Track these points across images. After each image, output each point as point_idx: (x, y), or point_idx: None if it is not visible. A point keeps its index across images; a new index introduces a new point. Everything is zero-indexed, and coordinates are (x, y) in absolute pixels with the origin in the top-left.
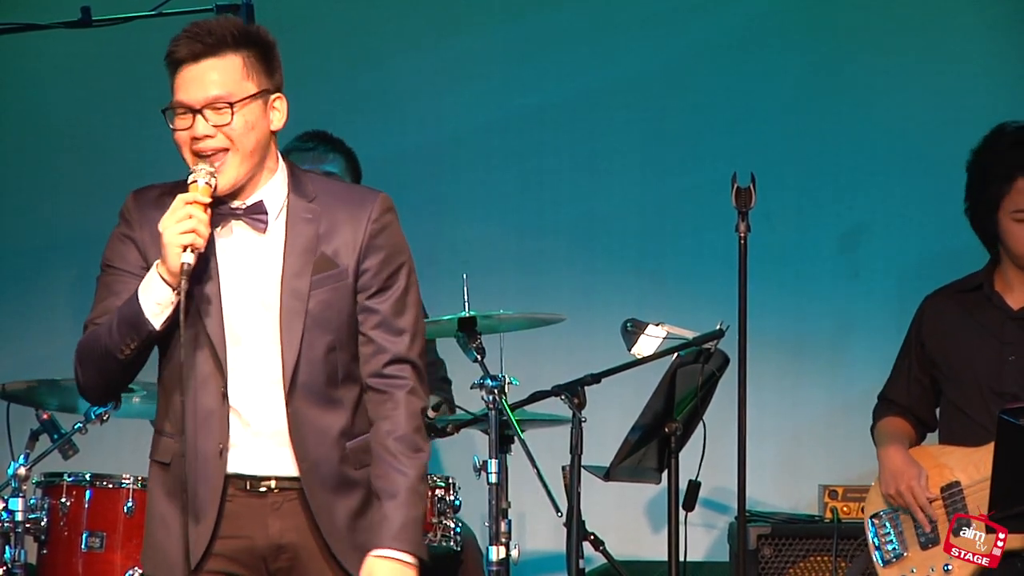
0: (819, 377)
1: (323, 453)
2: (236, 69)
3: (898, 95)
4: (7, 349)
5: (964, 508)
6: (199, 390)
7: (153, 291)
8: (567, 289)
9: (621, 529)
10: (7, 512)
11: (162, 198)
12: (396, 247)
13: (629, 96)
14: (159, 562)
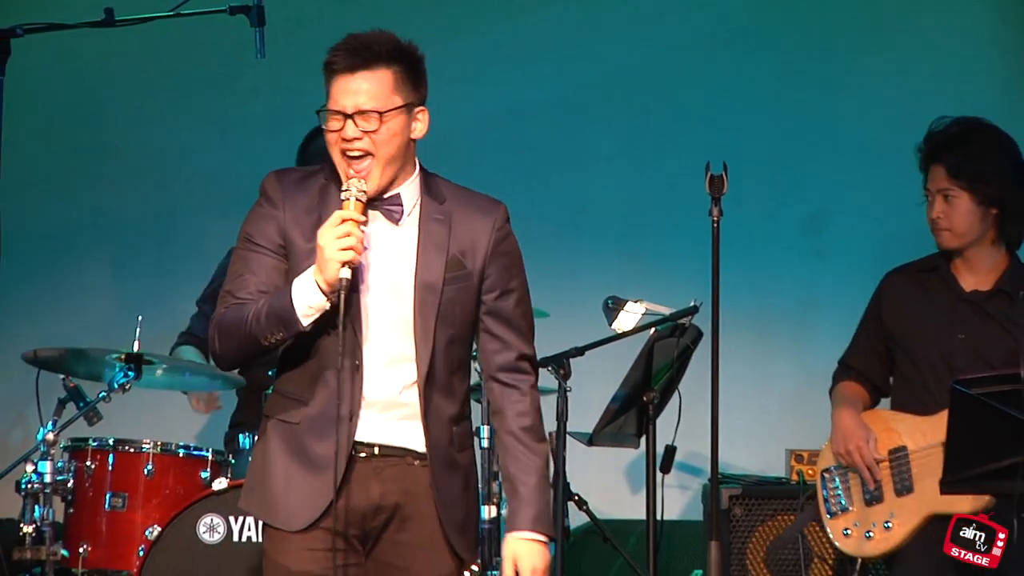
0: (786, 350)
1: (439, 434)
2: (387, 83)
3: (859, 90)
4: (39, 321)
5: (908, 471)
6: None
7: (307, 295)
8: (553, 270)
9: (603, 490)
10: (36, 474)
11: (304, 180)
12: (515, 253)
13: (611, 92)
14: (278, 512)
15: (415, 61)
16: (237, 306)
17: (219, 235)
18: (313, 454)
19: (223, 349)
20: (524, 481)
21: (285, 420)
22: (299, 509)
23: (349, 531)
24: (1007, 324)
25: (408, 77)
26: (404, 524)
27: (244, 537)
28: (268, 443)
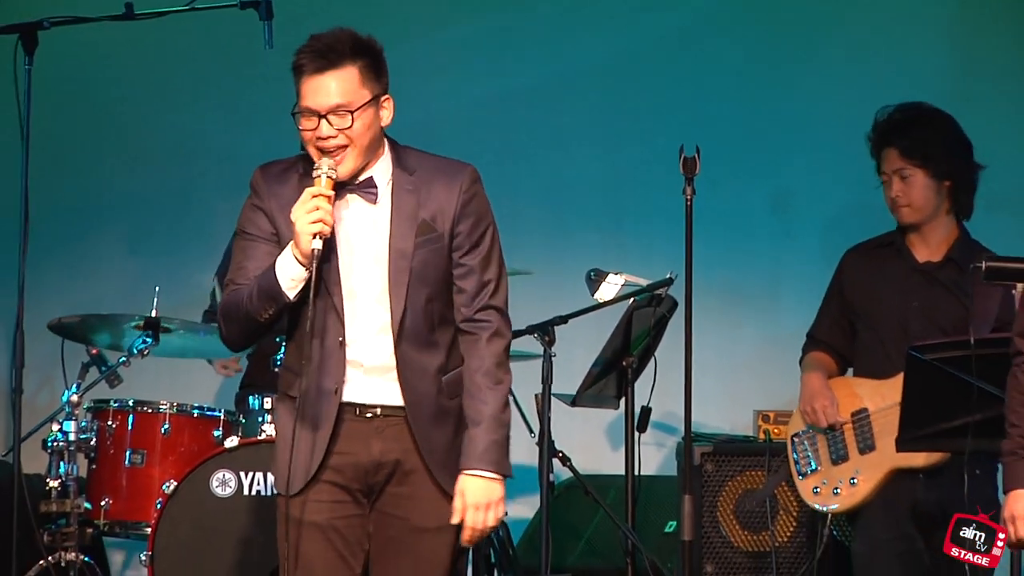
0: (754, 319)
1: (424, 388)
2: (354, 79)
3: (822, 79)
4: (64, 291)
5: (870, 431)
6: (325, 340)
7: (287, 269)
8: (539, 244)
9: (585, 448)
10: (62, 433)
11: (284, 173)
12: (483, 212)
13: (592, 80)
14: (282, 481)
15: (375, 54)
16: (235, 291)
17: (229, 212)
18: (311, 425)
19: (228, 332)
20: (476, 421)
21: (288, 394)
22: (297, 475)
23: (353, 485)
24: (957, 292)
25: (371, 71)
26: (404, 478)
27: (254, 491)
28: (279, 416)
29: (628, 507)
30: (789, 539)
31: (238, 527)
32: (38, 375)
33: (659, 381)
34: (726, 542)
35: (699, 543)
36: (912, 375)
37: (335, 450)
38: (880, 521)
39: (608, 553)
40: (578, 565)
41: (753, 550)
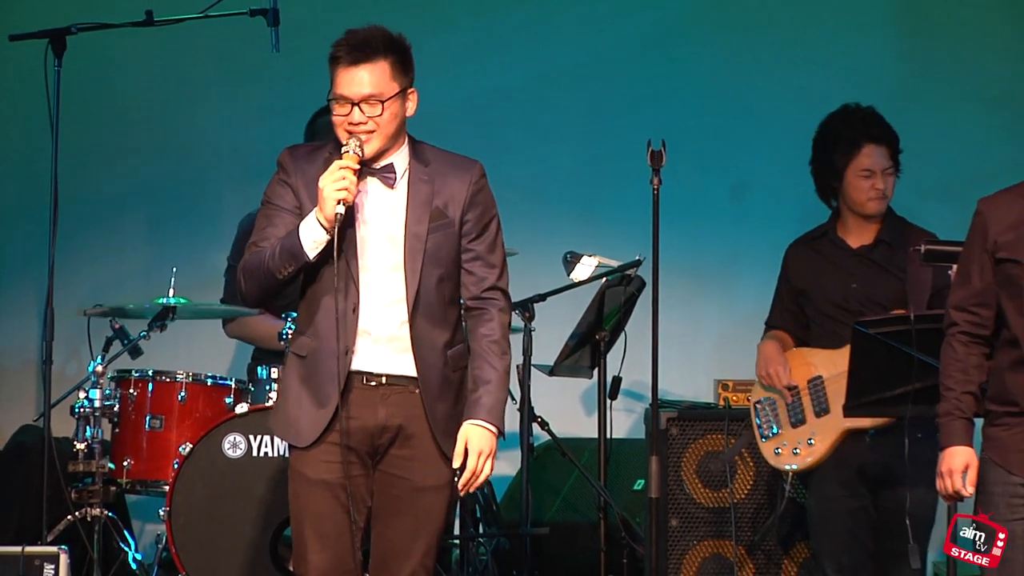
0: (714, 297)
1: (433, 360)
2: (385, 73)
3: (776, 77)
4: (91, 271)
5: (825, 395)
6: (339, 304)
7: (311, 231)
8: (521, 229)
9: (561, 413)
10: (88, 400)
11: (311, 153)
12: (489, 204)
13: (569, 80)
14: (288, 429)
15: (405, 51)
16: (258, 251)
17: (237, 200)
18: (319, 382)
19: (247, 287)
20: (484, 381)
21: (298, 353)
22: (307, 429)
23: (359, 448)
24: (892, 268)
25: (401, 65)
26: (406, 442)
27: (262, 452)
28: (287, 373)
29: (601, 467)
30: (747, 496)
31: (248, 485)
32: (66, 348)
33: (628, 353)
34: (689, 499)
35: (665, 500)
36: (857, 348)
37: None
38: (832, 480)
39: (583, 509)
40: (555, 520)
41: (714, 506)
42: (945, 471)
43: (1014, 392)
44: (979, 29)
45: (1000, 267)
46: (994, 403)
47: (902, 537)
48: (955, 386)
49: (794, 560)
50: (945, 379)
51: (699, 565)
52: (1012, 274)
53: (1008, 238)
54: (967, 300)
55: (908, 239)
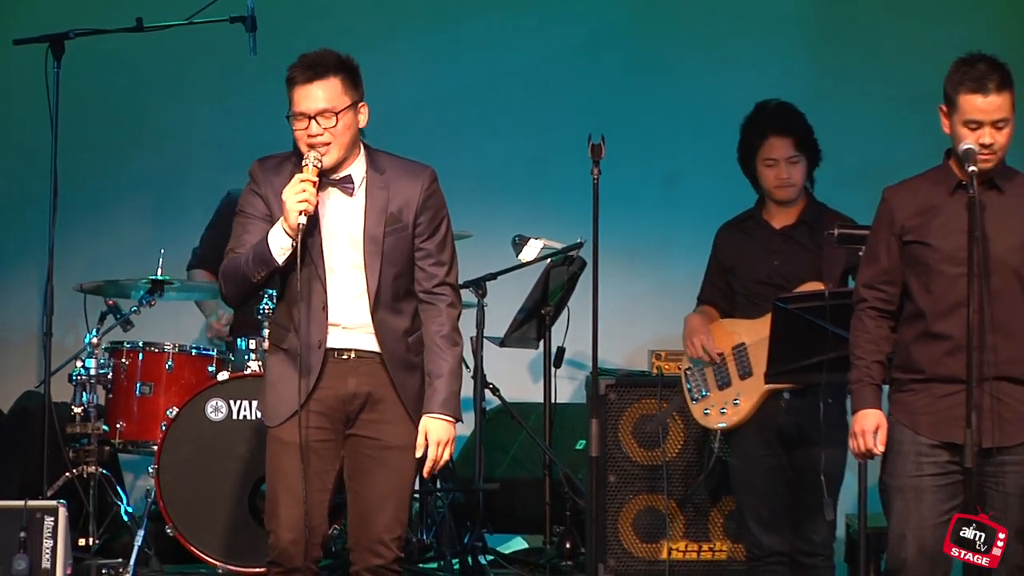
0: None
1: (395, 345)
2: (336, 88)
3: (702, 77)
4: (87, 252)
5: (748, 360)
6: (311, 303)
7: (278, 239)
8: (474, 214)
9: (511, 380)
10: (84, 368)
11: (279, 165)
12: (440, 206)
13: (517, 81)
14: (279, 404)
15: (354, 69)
16: (234, 257)
17: (218, 189)
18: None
19: (228, 290)
20: (438, 375)
21: (278, 345)
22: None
23: (332, 414)
24: (811, 248)
25: (350, 82)
26: (375, 407)
27: (242, 416)
28: (270, 363)
29: (546, 429)
30: (678, 455)
31: (229, 445)
32: (65, 321)
33: (571, 326)
34: (626, 457)
35: (604, 458)
36: (777, 321)
37: (319, 386)
38: (753, 440)
39: (530, 466)
40: (505, 476)
41: (648, 464)
42: (858, 432)
43: (919, 361)
44: (886, 33)
45: (907, 248)
46: (900, 371)
47: (816, 492)
48: (865, 356)
49: (721, 512)
50: (855, 349)
51: (634, 517)
52: (919, 255)
53: (915, 223)
54: (875, 279)
55: (826, 222)
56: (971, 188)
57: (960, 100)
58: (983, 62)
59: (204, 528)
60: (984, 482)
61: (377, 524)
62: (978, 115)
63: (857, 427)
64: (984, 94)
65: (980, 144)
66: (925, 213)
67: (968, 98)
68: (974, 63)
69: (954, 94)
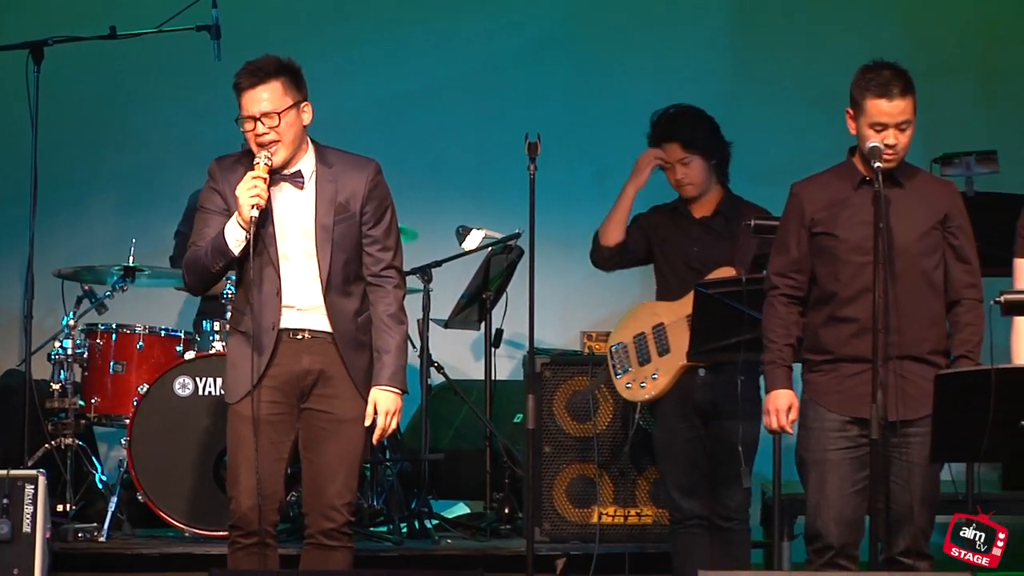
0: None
1: (345, 325)
2: (278, 90)
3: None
4: (62, 247)
5: (666, 338)
6: (264, 288)
7: (233, 231)
8: (421, 207)
9: (454, 359)
10: (62, 348)
11: (234, 163)
12: (384, 196)
13: (461, 84)
14: (238, 382)
15: (295, 71)
16: (195, 250)
17: (186, 184)
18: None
19: (190, 279)
20: (386, 350)
21: (237, 329)
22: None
23: (287, 389)
24: (727, 236)
25: (292, 83)
26: (327, 383)
27: (206, 392)
28: (231, 345)
29: (487, 403)
30: (607, 427)
31: (194, 419)
32: (44, 305)
33: (509, 309)
34: (560, 429)
35: (539, 430)
36: (698, 305)
37: (274, 364)
38: (673, 414)
39: (472, 438)
40: (449, 447)
41: (580, 436)
42: (772, 410)
43: (828, 343)
44: (797, 42)
45: (816, 239)
46: (810, 353)
47: (731, 462)
48: (777, 339)
49: (647, 480)
50: (768, 333)
51: (567, 484)
52: (827, 245)
53: (823, 215)
54: (786, 267)
55: (741, 212)
56: (877, 183)
57: (866, 104)
58: (888, 69)
59: (172, 495)
60: (891, 453)
61: (329, 491)
62: (883, 118)
63: (771, 406)
64: (889, 99)
65: (885, 144)
66: (832, 206)
67: (874, 102)
68: (879, 70)
69: (861, 98)
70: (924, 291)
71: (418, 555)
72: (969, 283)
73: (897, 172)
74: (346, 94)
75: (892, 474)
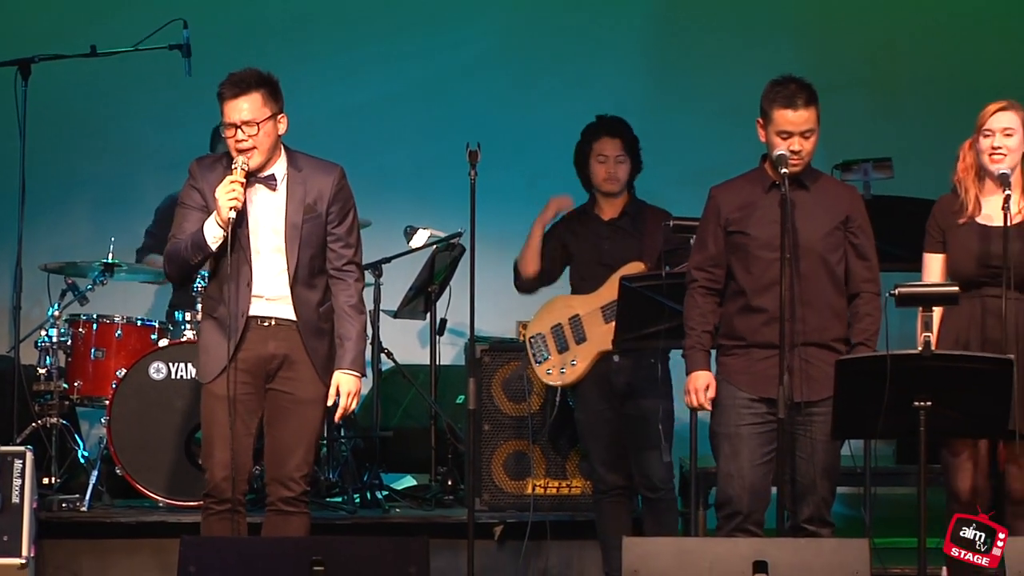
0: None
1: (309, 315)
2: (258, 101)
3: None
4: (48, 245)
5: (582, 327)
6: (237, 279)
7: (212, 229)
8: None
9: (403, 346)
10: (48, 337)
11: (213, 163)
12: (348, 198)
13: (410, 97)
14: (210, 364)
15: (274, 85)
16: (176, 243)
17: (158, 188)
18: (224, 335)
19: (170, 270)
20: (348, 337)
21: (211, 315)
22: (214, 366)
23: (254, 371)
24: (633, 234)
25: (271, 96)
26: (290, 367)
27: (179, 376)
28: (203, 330)
29: (432, 386)
30: (539, 408)
31: (168, 400)
32: (31, 297)
33: (452, 301)
34: (498, 410)
35: (479, 410)
36: (623, 297)
37: (243, 348)
38: (593, 396)
39: (419, 417)
40: (398, 425)
41: (516, 415)
42: (691, 390)
43: (740, 330)
44: (711, 57)
45: (731, 238)
46: (725, 339)
47: (649, 437)
48: (696, 327)
49: (576, 455)
50: (688, 321)
51: (505, 459)
52: (740, 243)
53: (737, 216)
54: (704, 262)
55: (645, 214)
56: (783, 187)
57: (774, 114)
58: (794, 83)
59: (147, 469)
60: (795, 430)
61: (289, 464)
62: (789, 127)
63: (690, 386)
64: (794, 109)
65: (790, 151)
66: (745, 208)
67: (781, 112)
68: (786, 83)
69: (769, 109)
70: (827, 285)
71: (370, 523)
72: (868, 278)
73: (803, 176)
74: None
75: (797, 449)
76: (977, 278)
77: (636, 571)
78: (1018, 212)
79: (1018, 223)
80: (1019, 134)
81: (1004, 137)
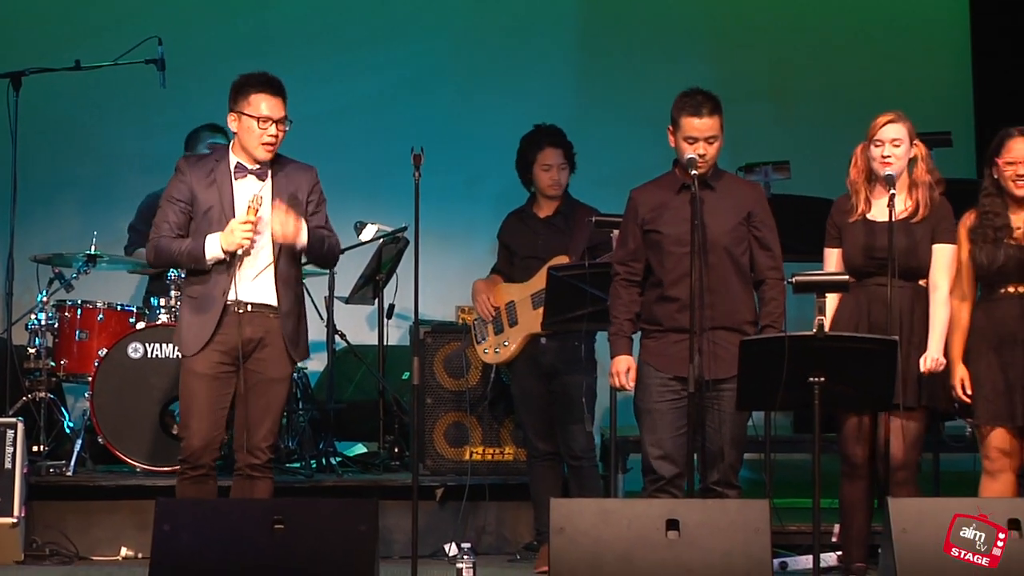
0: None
1: (287, 293)
2: (284, 106)
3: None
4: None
5: (515, 312)
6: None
7: (213, 251)
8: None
9: (354, 328)
10: (37, 320)
11: (199, 160)
12: (321, 191)
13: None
14: (190, 342)
15: None
16: (168, 239)
17: (138, 189)
18: (206, 314)
19: (156, 262)
20: None
21: (191, 296)
22: (193, 343)
23: (232, 352)
24: (565, 230)
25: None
26: (263, 349)
27: (154, 355)
28: (183, 308)
29: (380, 364)
30: (477, 383)
31: (144, 377)
32: (22, 284)
33: (399, 288)
34: (439, 385)
35: (423, 385)
36: (551, 285)
37: (220, 331)
38: (525, 372)
39: (368, 391)
40: (351, 399)
41: (455, 390)
42: (615, 372)
43: (657, 317)
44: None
45: (648, 235)
46: (645, 324)
47: (574, 410)
48: (619, 315)
49: (511, 424)
50: (613, 310)
51: (445, 429)
52: (656, 239)
53: (652, 215)
54: (625, 257)
55: (577, 211)
56: (693, 188)
57: (682, 121)
58: (700, 94)
59: (126, 438)
60: (706, 404)
61: (257, 435)
62: (695, 133)
63: (614, 368)
64: (700, 117)
65: (697, 155)
66: (659, 208)
67: (688, 120)
68: (693, 94)
69: (678, 117)
70: (732, 274)
71: (325, 486)
72: (771, 266)
73: (710, 178)
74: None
75: (707, 421)
76: (865, 268)
77: (562, 528)
78: (904, 210)
79: (903, 219)
80: (906, 144)
81: (893, 147)
